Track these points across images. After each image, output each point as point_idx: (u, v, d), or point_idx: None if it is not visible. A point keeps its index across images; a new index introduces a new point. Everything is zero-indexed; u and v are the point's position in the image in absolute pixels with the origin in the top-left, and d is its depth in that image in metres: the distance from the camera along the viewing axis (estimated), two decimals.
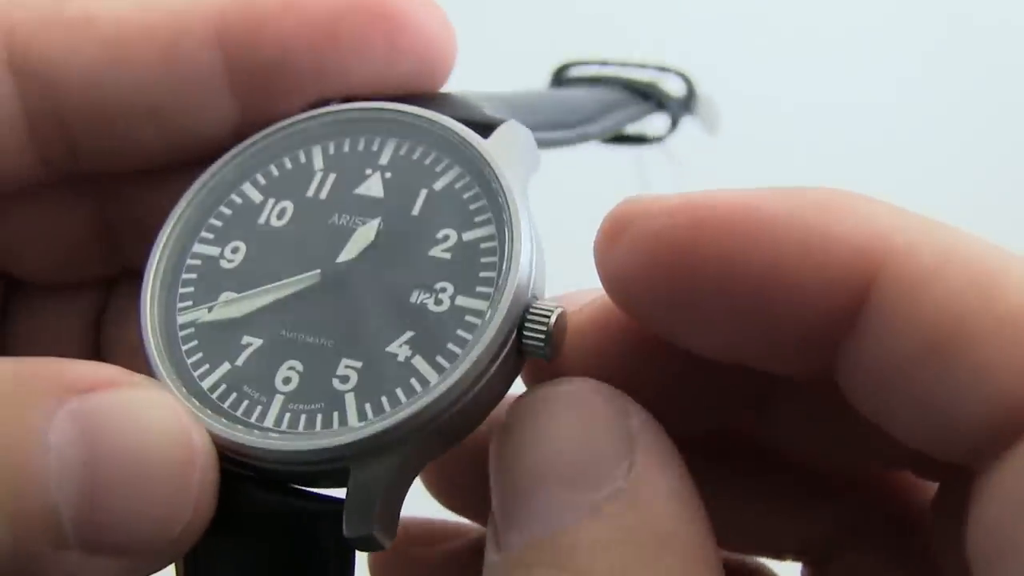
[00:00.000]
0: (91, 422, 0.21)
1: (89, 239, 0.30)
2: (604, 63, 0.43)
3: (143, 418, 0.22)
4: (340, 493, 0.24)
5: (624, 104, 0.38)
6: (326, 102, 0.27)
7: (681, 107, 0.41)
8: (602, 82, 0.40)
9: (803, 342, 0.21)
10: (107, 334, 0.31)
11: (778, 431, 0.27)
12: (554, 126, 0.31)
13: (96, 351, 0.31)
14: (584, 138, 0.33)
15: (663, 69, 0.44)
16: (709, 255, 0.21)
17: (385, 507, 0.23)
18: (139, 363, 0.25)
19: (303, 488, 0.24)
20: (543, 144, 0.28)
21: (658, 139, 0.42)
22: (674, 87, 0.43)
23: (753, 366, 0.23)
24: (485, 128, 0.26)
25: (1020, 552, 0.18)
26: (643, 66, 0.44)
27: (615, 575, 0.20)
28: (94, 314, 0.31)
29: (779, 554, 0.29)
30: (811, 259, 0.20)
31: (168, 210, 0.26)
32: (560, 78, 0.42)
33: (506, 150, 0.25)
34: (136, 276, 0.26)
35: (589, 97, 0.37)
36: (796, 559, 0.29)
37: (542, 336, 0.24)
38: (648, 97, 0.39)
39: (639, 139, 0.42)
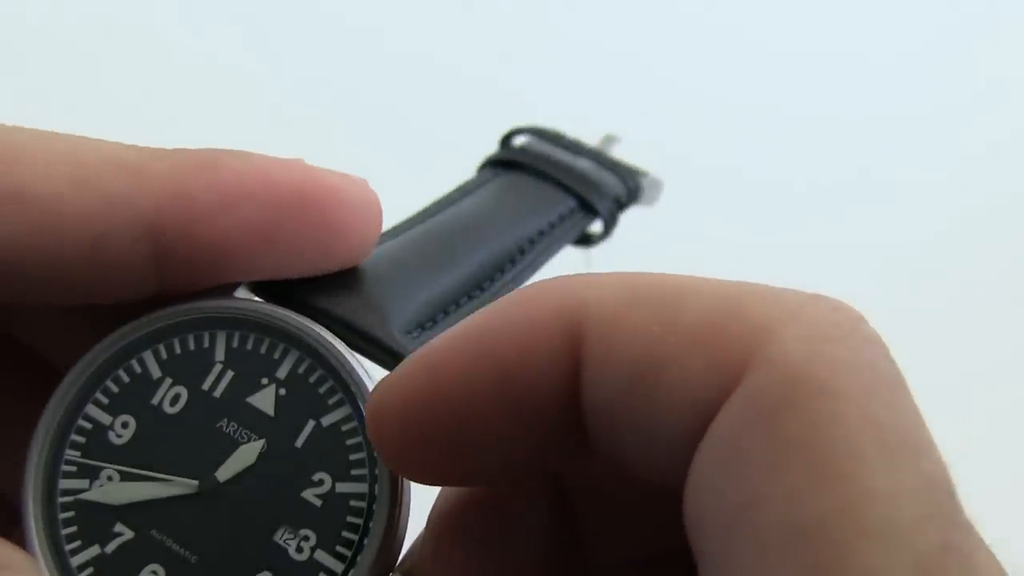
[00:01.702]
0: None
1: None
2: (556, 138, 0.40)
3: None
4: None
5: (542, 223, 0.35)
6: (236, 284, 0.26)
7: (616, 209, 0.37)
8: (534, 173, 0.36)
9: (563, 415, 0.22)
10: None
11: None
12: (462, 292, 0.30)
13: None
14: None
15: (614, 165, 0.40)
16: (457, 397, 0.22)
17: None
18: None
19: None
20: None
21: (594, 241, 0.38)
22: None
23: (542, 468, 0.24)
24: (386, 354, 0.26)
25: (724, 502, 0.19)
26: (595, 153, 0.40)
27: None
28: None
29: None
30: (534, 345, 0.21)
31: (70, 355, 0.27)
32: (508, 143, 0.40)
33: None
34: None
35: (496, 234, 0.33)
36: None
37: None
38: (586, 206, 0.36)
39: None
